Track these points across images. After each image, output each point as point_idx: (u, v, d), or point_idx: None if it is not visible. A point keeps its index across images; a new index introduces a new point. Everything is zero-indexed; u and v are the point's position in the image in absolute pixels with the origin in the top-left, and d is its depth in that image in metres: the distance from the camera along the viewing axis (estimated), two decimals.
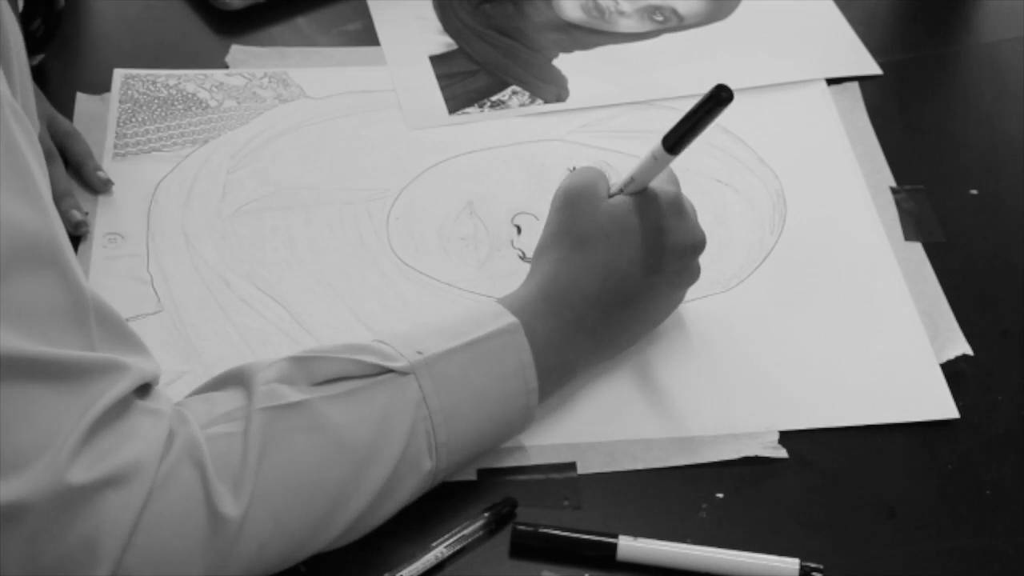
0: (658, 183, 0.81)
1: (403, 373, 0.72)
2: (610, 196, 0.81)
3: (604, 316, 0.80)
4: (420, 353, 0.73)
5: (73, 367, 0.63)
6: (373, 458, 0.71)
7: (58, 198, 0.91)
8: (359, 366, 0.72)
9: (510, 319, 0.76)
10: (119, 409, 0.65)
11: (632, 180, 0.80)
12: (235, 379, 0.72)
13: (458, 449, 0.74)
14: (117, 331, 0.68)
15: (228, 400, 0.71)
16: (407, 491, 0.73)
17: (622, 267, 0.79)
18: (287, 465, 0.68)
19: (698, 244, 0.83)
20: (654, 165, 0.79)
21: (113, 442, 0.64)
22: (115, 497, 0.63)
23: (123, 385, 0.65)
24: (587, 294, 0.79)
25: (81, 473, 0.62)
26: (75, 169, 0.95)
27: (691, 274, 0.84)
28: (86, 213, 0.92)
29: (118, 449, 0.64)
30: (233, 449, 0.68)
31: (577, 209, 0.81)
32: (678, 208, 0.81)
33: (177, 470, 0.66)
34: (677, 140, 0.76)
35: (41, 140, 0.92)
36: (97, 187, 0.94)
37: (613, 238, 0.79)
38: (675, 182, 0.83)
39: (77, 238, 0.91)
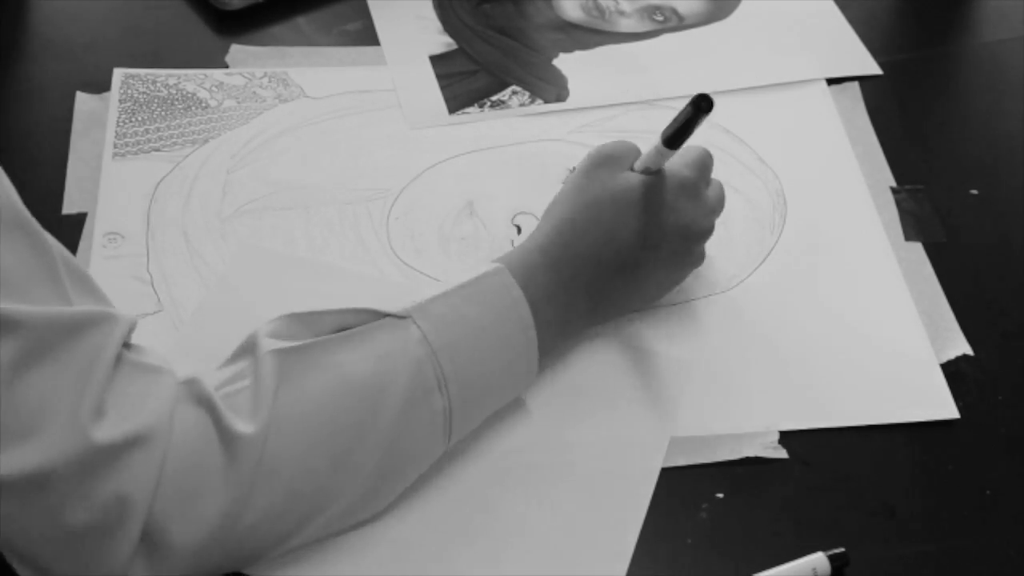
0: (677, 166, 0.84)
1: (401, 317, 0.74)
2: (631, 169, 0.84)
3: (600, 278, 0.82)
4: (413, 301, 0.76)
5: (67, 323, 0.64)
6: (382, 393, 0.72)
7: None
8: (357, 316, 0.74)
9: (494, 265, 0.79)
10: (123, 364, 0.66)
11: (647, 160, 0.83)
12: (244, 349, 0.73)
13: (468, 385, 0.75)
14: (86, 283, 0.69)
15: (238, 365, 0.72)
16: (424, 433, 0.74)
17: (622, 234, 0.81)
18: (300, 399, 0.70)
19: (702, 231, 0.85)
20: (660, 156, 0.82)
21: (130, 400, 0.65)
22: (140, 456, 0.64)
23: (117, 335, 0.66)
24: (585, 254, 0.81)
25: (105, 432, 0.63)
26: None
27: (692, 258, 0.86)
28: None
29: (137, 408, 0.65)
30: (245, 395, 0.69)
31: (595, 173, 0.83)
32: (690, 192, 0.84)
33: (187, 419, 0.67)
34: (673, 138, 0.79)
35: None
36: None
37: (619, 205, 0.82)
38: (698, 166, 0.86)
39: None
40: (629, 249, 0.82)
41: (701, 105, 0.76)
